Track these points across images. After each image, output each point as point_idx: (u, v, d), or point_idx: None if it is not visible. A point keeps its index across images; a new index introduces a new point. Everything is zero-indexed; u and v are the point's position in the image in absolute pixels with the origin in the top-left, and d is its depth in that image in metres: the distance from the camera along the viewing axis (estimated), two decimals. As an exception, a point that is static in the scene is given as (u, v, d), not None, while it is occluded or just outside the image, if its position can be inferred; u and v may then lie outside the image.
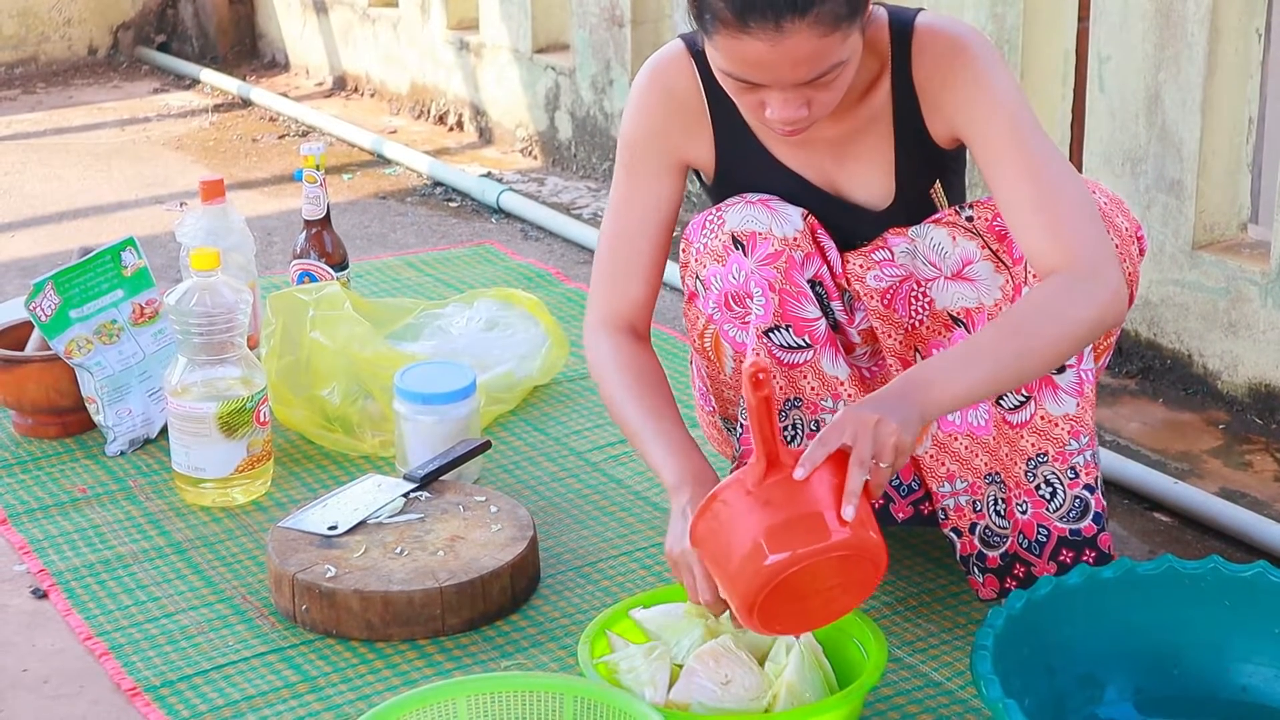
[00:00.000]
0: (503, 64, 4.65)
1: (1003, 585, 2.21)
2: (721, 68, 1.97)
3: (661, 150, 2.21)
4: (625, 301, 2.23)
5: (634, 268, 2.23)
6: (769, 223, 2.16)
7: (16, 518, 2.56)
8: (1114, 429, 2.87)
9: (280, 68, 5.70)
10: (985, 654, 1.82)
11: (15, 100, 5.40)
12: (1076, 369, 2.12)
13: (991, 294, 2.15)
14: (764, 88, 1.96)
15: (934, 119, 2.14)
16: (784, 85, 1.95)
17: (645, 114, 2.21)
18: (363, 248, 3.84)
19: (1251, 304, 2.88)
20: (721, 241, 2.17)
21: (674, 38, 2.23)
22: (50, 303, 2.67)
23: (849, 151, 2.19)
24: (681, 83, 2.19)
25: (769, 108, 1.98)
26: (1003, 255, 2.14)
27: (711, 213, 2.20)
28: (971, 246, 2.15)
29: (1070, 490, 2.16)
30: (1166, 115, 2.95)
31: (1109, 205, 2.14)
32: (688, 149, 2.22)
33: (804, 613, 1.87)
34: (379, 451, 2.72)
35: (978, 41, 2.10)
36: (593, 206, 4.16)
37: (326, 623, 2.23)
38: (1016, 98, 2.08)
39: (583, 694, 1.88)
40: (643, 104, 2.21)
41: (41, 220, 4.13)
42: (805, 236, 2.17)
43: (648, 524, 2.52)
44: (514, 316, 3.06)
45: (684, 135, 2.21)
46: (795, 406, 2.21)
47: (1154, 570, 2.00)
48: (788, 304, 2.16)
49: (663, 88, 2.20)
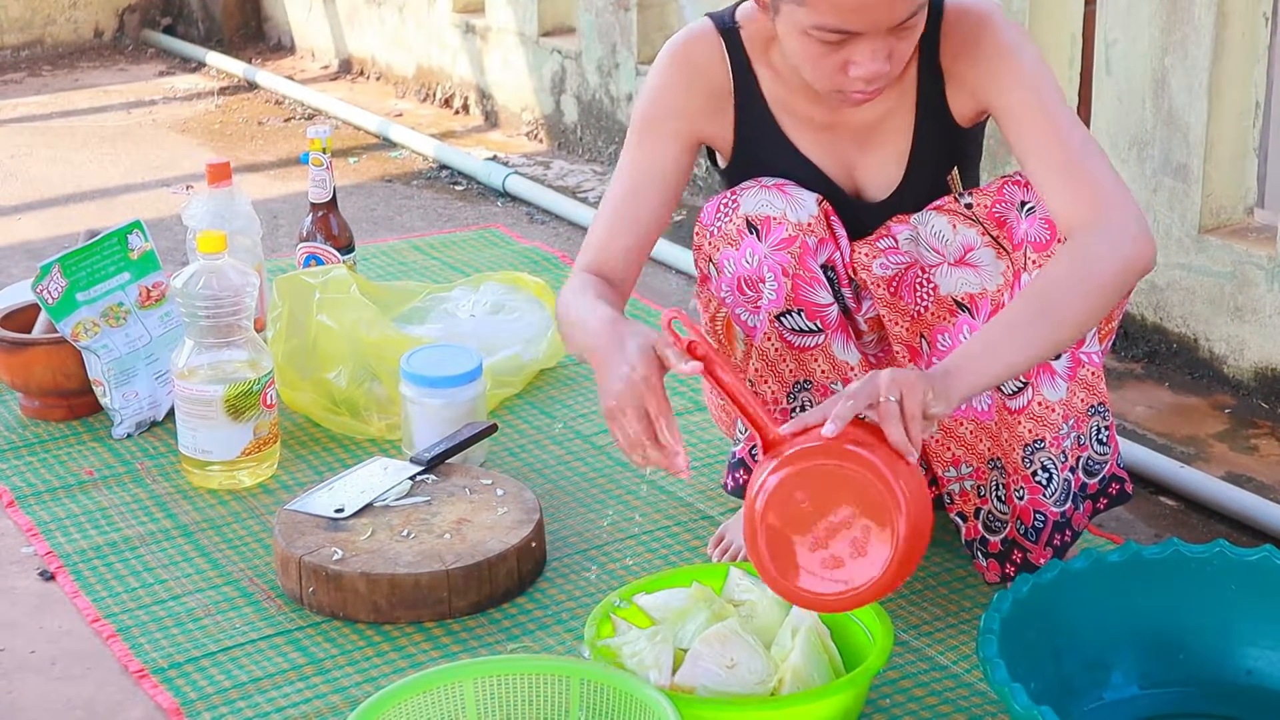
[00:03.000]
0: (508, 47, 4.65)
1: (1004, 570, 2.22)
2: (814, 22, 1.95)
3: (679, 123, 2.20)
4: (612, 251, 2.19)
5: (630, 225, 2.19)
6: (784, 207, 2.16)
7: (24, 500, 2.57)
8: (1120, 413, 2.87)
9: (286, 51, 5.69)
10: (991, 638, 1.82)
11: (21, 83, 5.39)
12: (1073, 352, 2.12)
13: (994, 279, 2.14)
14: (854, 40, 1.95)
15: (957, 94, 2.15)
16: (879, 30, 1.95)
17: (667, 87, 2.20)
18: (369, 231, 3.84)
19: (1258, 288, 2.87)
20: (735, 225, 2.17)
21: (680, 21, 2.23)
22: (57, 285, 2.67)
23: (873, 138, 2.19)
24: (708, 60, 2.19)
25: (854, 64, 1.97)
26: (1003, 241, 2.14)
27: (726, 196, 2.20)
28: (972, 233, 2.16)
29: (1061, 474, 2.16)
30: (1173, 99, 2.94)
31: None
32: (706, 127, 2.21)
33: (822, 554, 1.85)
34: (385, 434, 2.72)
35: (1001, 14, 2.13)
36: (598, 190, 4.16)
37: (333, 605, 2.23)
38: (1041, 68, 2.10)
39: (589, 677, 1.88)
40: (666, 77, 2.21)
41: (48, 203, 4.13)
42: (820, 222, 2.17)
43: (654, 507, 2.53)
44: (520, 300, 3.06)
45: (705, 113, 2.20)
46: (805, 389, 2.21)
47: (1160, 554, 2.00)
48: (800, 289, 2.16)
49: (689, 63, 2.19)
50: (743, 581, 2.10)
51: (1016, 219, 2.12)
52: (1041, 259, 2.07)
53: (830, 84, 2.04)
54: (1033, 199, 2.10)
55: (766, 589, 2.08)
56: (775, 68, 2.18)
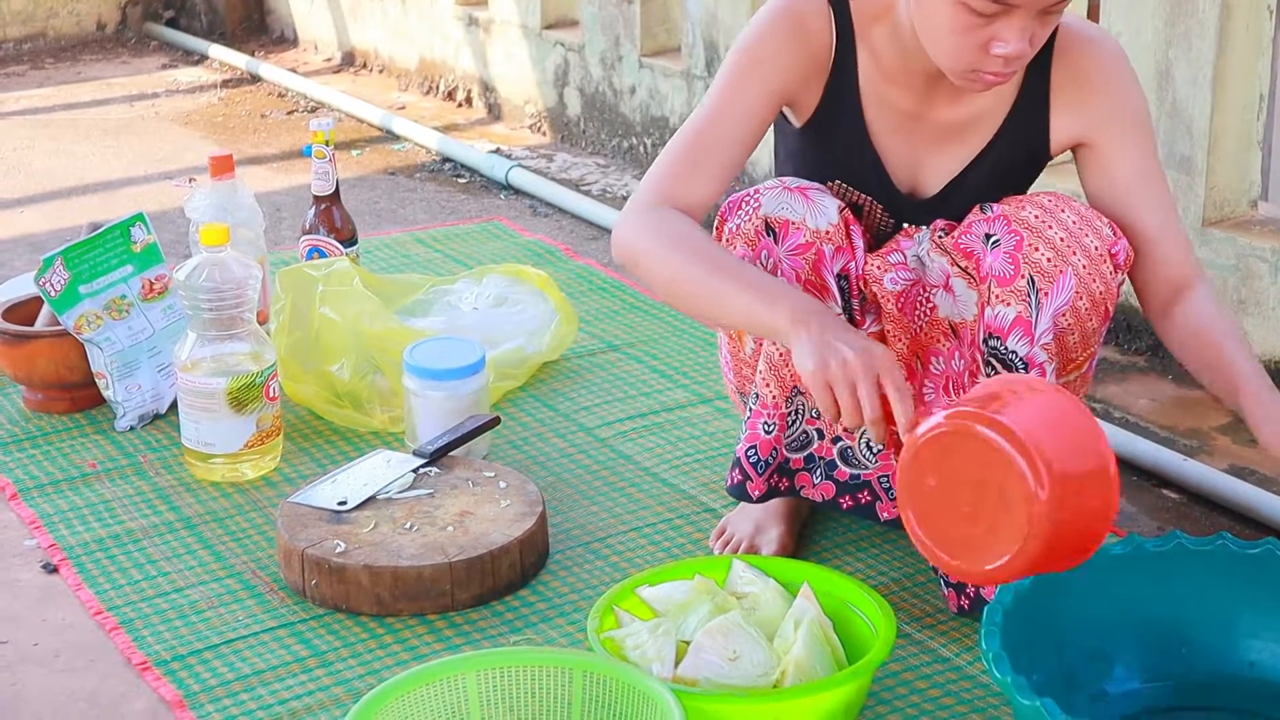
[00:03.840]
0: (511, 40, 4.65)
1: (959, 601, 2.19)
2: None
3: (775, 73, 2.15)
4: (689, 197, 2.12)
5: (708, 169, 2.13)
6: (804, 213, 2.15)
7: (27, 493, 2.57)
8: (1123, 406, 2.87)
9: (289, 43, 5.69)
10: (994, 631, 1.82)
11: (24, 76, 5.39)
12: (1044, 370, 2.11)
13: (970, 309, 2.15)
14: (1006, 16, 1.93)
15: (1065, 118, 2.16)
16: (1035, 8, 1.93)
17: (773, 35, 2.15)
18: (372, 223, 3.84)
19: (1262, 281, 2.87)
20: (754, 225, 2.16)
21: (684, 14, 2.23)
22: (60, 278, 2.67)
23: (953, 136, 2.18)
24: (817, 26, 2.15)
25: (999, 42, 1.95)
26: (971, 271, 2.14)
27: (749, 193, 2.18)
28: (944, 262, 2.16)
29: None
30: (1177, 91, 2.94)
31: (1078, 223, 2.09)
32: (798, 86, 2.17)
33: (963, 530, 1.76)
34: (388, 427, 2.72)
35: (1123, 52, 2.16)
36: (602, 183, 4.16)
37: (336, 598, 2.24)
38: (1149, 115, 2.17)
39: (592, 669, 1.88)
40: (773, 26, 2.15)
41: (50, 196, 4.13)
42: (838, 230, 2.17)
43: (656, 500, 2.53)
44: (523, 293, 3.06)
45: (801, 72, 2.16)
46: (802, 393, 2.21)
47: (1162, 547, 2.00)
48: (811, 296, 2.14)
49: (799, 21, 2.15)
50: (745, 574, 2.10)
51: (983, 251, 2.11)
52: (1005, 294, 2.07)
53: (966, 62, 2.00)
54: (998, 232, 2.09)
55: (769, 581, 2.09)
56: (875, 48, 2.15)
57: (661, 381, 2.93)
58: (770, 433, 2.24)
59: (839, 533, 2.42)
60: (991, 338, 2.09)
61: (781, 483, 2.28)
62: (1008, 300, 2.07)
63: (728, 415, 2.78)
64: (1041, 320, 2.07)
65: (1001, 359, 2.09)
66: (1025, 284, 2.06)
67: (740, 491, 2.27)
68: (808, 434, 2.27)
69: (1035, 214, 2.09)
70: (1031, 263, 2.06)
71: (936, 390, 2.22)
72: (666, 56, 4.19)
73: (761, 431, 2.24)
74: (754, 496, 2.27)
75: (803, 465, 2.28)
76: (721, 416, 2.78)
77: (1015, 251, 2.07)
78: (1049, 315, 2.07)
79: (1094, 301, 2.10)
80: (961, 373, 2.18)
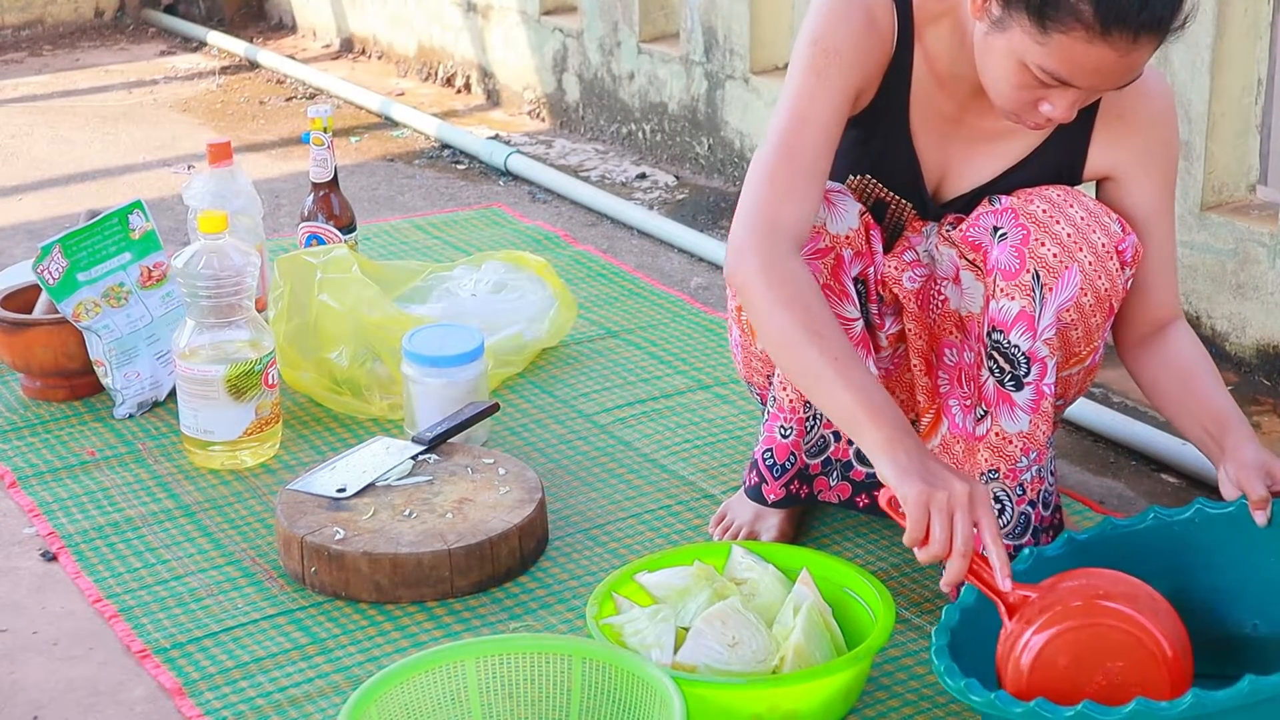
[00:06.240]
0: (510, 26, 4.64)
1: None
2: (1041, 63, 1.90)
3: (854, 65, 2.09)
4: (801, 215, 2.04)
5: (806, 179, 2.05)
6: (825, 217, 2.14)
7: (25, 481, 2.57)
8: (1122, 390, 2.87)
9: (287, 30, 5.69)
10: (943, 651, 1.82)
11: (22, 63, 5.39)
12: (1036, 384, 2.11)
13: (976, 302, 2.15)
14: (1064, 87, 1.92)
15: (1103, 152, 2.16)
16: (1096, 90, 1.94)
17: (849, 25, 2.09)
18: (370, 210, 3.84)
19: (1260, 265, 2.87)
20: None
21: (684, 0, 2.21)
22: (58, 266, 2.67)
23: (990, 143, 2.17)
24: (885, 20, 2.11)
25: (1049, 104, 1.95)
26: (978, 264, 2.13)
27: None
28: (953, 254, 2.16)
29: (1018, 507, 2.17)
30: (1175, 76, 2.94)
31: (1086, 219, 2.09)
32: (870, 80, 2.12)
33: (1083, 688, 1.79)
34: (387, 414, 2.72)
35: (1171, 94, 2.18)
36: (600, 169, 4.16)
37: (335, 585, 2.24)
38: (1178, 157, 2.21)
39: (591, 656, 1.88)
40: (847, 15, 2.09)
41: (48, 183, 4.13)
42: (858, 235, 2.16)
43: (655, 486, 2.53)
44: (522, 279, 3.05)
45: (874, 67, 2.11)
46: None
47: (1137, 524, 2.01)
48: (829, 301, 2.12)
49: (868, 12, 2.10)
50: (744, 560, 2.10)
51: (990, 244, 2.11)
52: (1010, 288, 2.07)
53: (1014, 107, 1.99)
54: (1005, 225, 2.09)
55: (768, 567, 2.09)
56: (930, 50, 2.13)
57: (660, 367, 2.93)
58: (788, 437, 2.24)
59: (838, 519, 2.42)
60: (994, 331, 2.09)
61: (801, 490, 2.28)
62: (1012, 294, 2.07)
63: (726, 401, 2.78)
64: (1045, 315, 2.07)
65: (1003, 352, 2.09)
66: (1030, 279, 2.06)
67: (756, 494, 2.28)
68: (825, 438, 2.27)
69: (1044, 208, 2.08)
70: (1037, 258, 2.06)
71: (951, 381, 2.22)
72: (665, 42, 4.18)
73: (778, 435, 2.24)
74: (770, 501, 2.27)
75: (820, 470, 2.28)
76: (720, 402, 2.79)
77: (1021, 246, 2.07)
78: (1053, 310, 2.07)
79: (1099, 298, 2.10)
80: (971, 365, 2.18)
